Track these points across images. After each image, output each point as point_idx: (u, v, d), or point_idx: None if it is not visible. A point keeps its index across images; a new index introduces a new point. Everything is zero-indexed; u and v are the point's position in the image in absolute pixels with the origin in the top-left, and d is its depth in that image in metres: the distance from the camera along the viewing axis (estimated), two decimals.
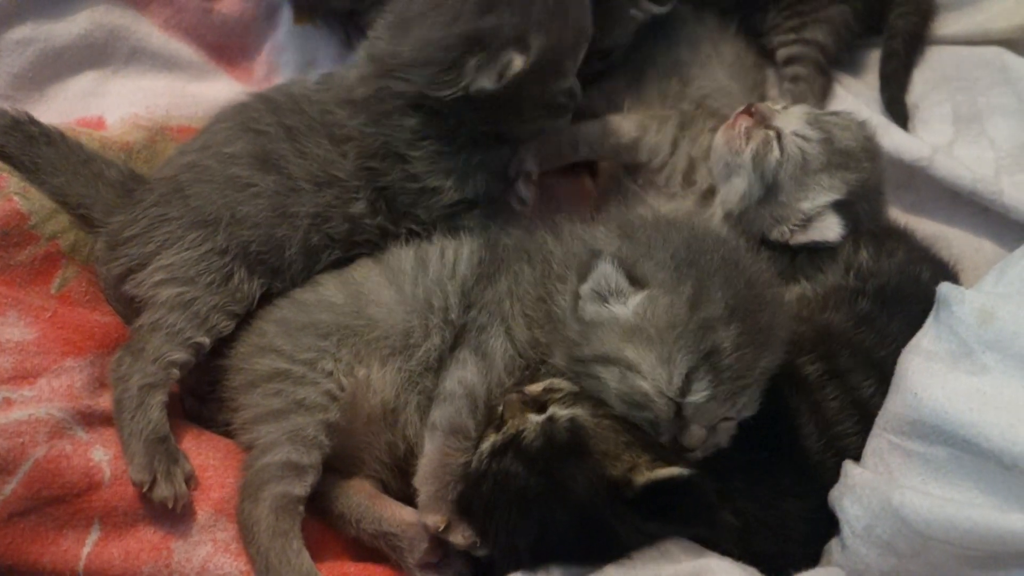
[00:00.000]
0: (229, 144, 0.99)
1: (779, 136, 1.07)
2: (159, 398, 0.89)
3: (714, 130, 1.17)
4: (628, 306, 0.84)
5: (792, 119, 1.09)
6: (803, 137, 1.06)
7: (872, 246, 1.06)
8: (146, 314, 0.92)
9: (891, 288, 1.02)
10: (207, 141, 1.02)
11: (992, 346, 0.87)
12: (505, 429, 0.85)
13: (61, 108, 1.15)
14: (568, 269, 0.93)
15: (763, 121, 1.09)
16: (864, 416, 0.96)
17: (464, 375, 0.91)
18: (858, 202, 1.08)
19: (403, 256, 0.99)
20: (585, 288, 0.87)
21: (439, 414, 0.90)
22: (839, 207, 1.06)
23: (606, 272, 0.85)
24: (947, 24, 1.36)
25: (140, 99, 1.18)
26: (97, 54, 1.19)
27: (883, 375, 0.97)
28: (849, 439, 0.96)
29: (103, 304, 0.99)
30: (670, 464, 0.82)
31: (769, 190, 1.07)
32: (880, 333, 1.00)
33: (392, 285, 0.96)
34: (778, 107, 1.12)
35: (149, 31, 1.23)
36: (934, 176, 1.21)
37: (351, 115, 1.02)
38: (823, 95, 1.28)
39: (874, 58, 1.37)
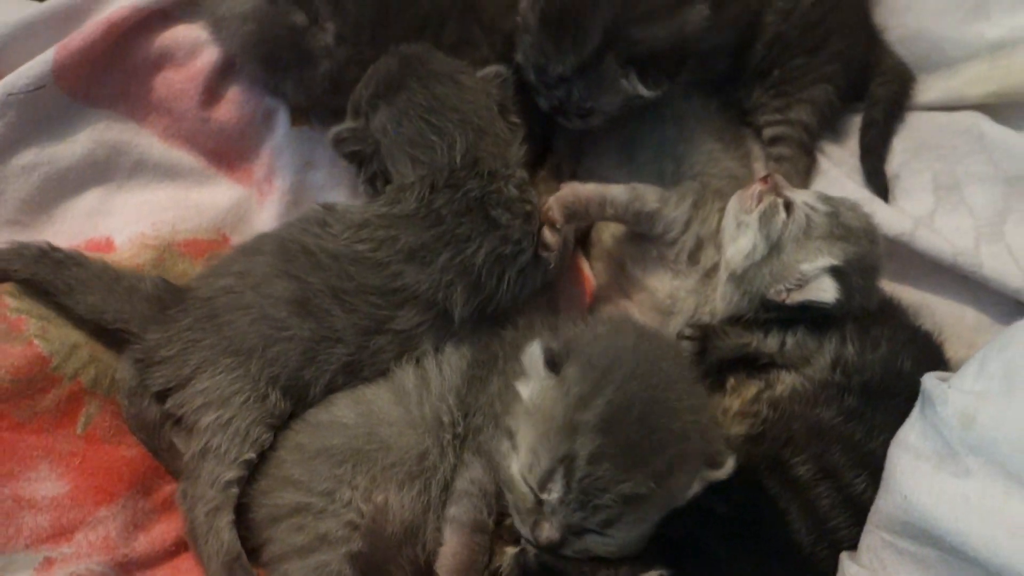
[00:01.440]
0: (268, 284, 1.02)
1: (789, 203, 1.14)
2: (226, 519, 0.95)
3: (722, 211, 1.22)
4: (529, 388, 0.90)
5: (803, 195, 1.17)
6: (811, 207, 1.14)
7: (858, 340, 1.10)
8: (194, 440, 0.98)
9: (876, 382, 1.08)
10: (246, 267, 1.05)
11: (974, 450, 0.92)
12: (490, 565, 0.92)
13: (69, 229, 1.18)
14: None
15: (776, 189, 1.16)
16: (856, 510, 1.01)
17: (474, 475, 0.97)
18: (853, 274, 1.12)
19: (406, 375, 1.03)
20: (520, 363, 0.94)
21: (458, 511, 0.96)
22: (836, 273, 1.11)
23: (533, 352, 0.92)
24: (924, 90, 1.40)
25: (146, 214, 1.21)
26: (100, 171, 1.22)
27: (873, 467, 1.03)
28: (842, 532, 1.02)
29: (127, 436, 1.03)
30: (648, 567, 0.89)
31: (772, 249, 1.13)
32: (868, 426, 1.05)
33: (400, 404, 1.00)
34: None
35: (150, 142, 1.25)
36: (916, 249, 1.26)
37: (419, 269, 1.05)
38: (807, 173, 1.32)
39: (855, 123, 1.41)
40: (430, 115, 1.09)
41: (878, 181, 1.34)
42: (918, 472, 0.96)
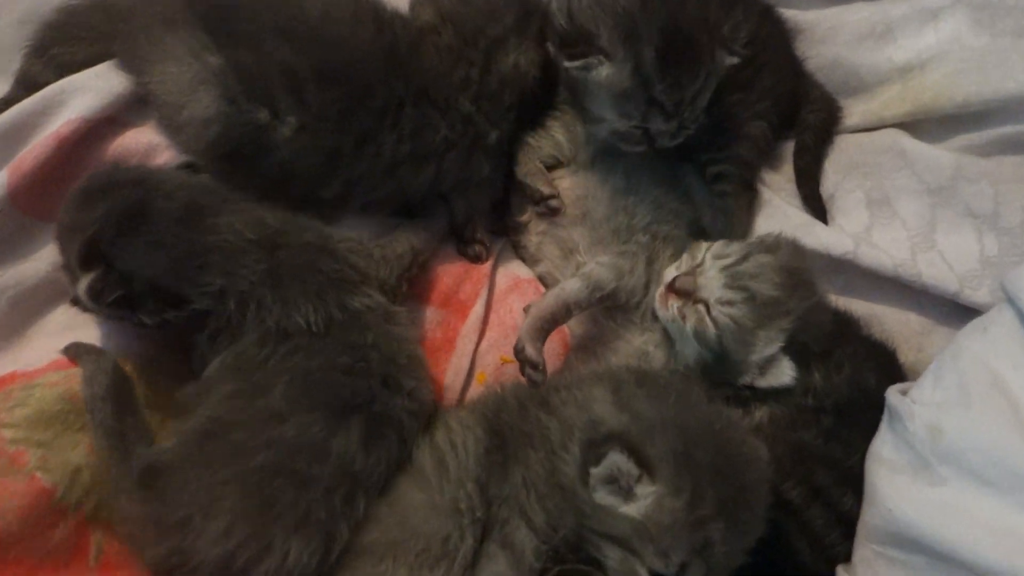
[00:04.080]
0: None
1: (708, 309, 1.14)
2: None
3: (674, 257, 1.27)
4: (637, 504, 0.94)
5: (712, 284, 1.15)
6: (728, 303, 1.13)
7: (822, 366, 1.18)
8: None
9: (845, 402, 1.16)
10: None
11: (945, 460, 1.00)
12: None
13: (42, 346, 1.16)
14: (569, 438, 1.02)
15: (689, 296, 1.16)
16: (847, 525, 1.09)
17: (498, 569, 1.00)
18: (800, 334, 1.17)
19: (423, 457, 1.06)
20: (597, 473, 0.95)
21: None
22: (787, 350, 1.16)
23: (618, 462, 0.94)
24: (847, 115, 1.50)
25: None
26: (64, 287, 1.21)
27: (855, 482, 1.11)
28: (837, 548, 1.09)
29: (133, 562, 1.01)
30: None
31: (719, 355, 1.17)
32: (845, 444, 1.13)
33: (423, 491, 1.03)
34: (697, 262, 1.18)
35: None
36: (860, 265, 1.35)
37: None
38: (750, 207, 1.40)
39: (788, 149, 1.50)
40: (190, 224, 1.07)
41: (815, 203, 1.42)
42: (897, 485, 1.04)
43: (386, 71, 1.21)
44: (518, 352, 1.15)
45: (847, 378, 1.18)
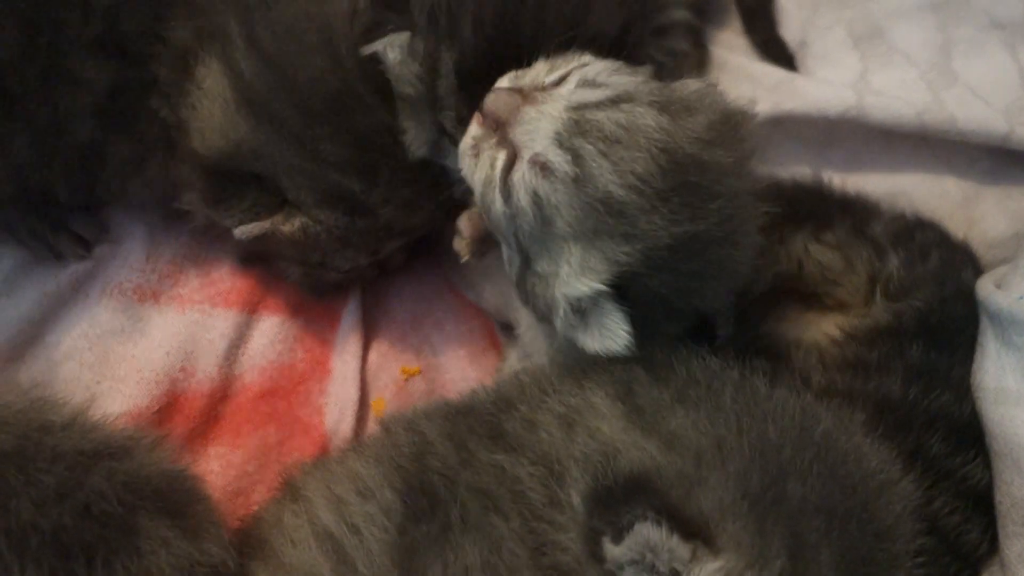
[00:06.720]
0: None
1: (510, 164, 0.63)
2: None
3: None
4: None
5: (540, 125, 0.62)
6: (542, 169, 0.61)
7: (902, 248, 0.77)
8: None
9: (936, 315, 0.75)
10: None
11: None
12: None
13: None
14: (558, 484, 0.60)
15: (499, 128, 0.63)
16: (988, 507, 0.71)
17: None
18: (658, 274, 0.62)
19: (305, 556, 0.62)
20: (619, 553, 0.54)
21: None
22: (619, 295, 0.62)
23: (651, 540, 0.53)
24: None
25: None
26: None
27: (979, 438, 0.72)
28: (983, 548, 0.71)
29: None
30: None
31: (522, 255, 0.66)
32: (952, 382, 0.74)
33: None
34: (549, 76, 0.64)
35: None
36: (868, 123, 0.96)
37: None
38: (701, 72, 0.99)
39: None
40: None
41: (777, 51, 1.03)
42: None
43: None
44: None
45: (934, 272, 0.77)
